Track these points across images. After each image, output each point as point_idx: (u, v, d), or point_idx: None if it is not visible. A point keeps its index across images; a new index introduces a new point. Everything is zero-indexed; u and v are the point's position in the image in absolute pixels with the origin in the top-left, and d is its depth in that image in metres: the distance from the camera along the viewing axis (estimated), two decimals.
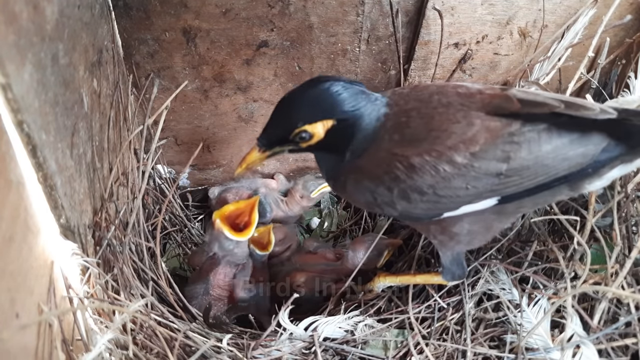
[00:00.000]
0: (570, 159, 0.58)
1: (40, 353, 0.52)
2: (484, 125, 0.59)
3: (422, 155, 0.59)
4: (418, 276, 0.80)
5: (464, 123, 0.59)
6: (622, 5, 0.91)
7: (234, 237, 0.81)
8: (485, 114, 0.60)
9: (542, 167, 0.58)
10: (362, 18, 0.88)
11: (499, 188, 0.59)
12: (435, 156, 0.59)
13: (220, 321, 0.84)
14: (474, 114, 0.60)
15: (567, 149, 0.58)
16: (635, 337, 0.65)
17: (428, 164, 0.59)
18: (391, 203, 0.63)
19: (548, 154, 0.58)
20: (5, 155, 0.46)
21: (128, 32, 0.83)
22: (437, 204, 0.61)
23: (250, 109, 0.98)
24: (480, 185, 0.59)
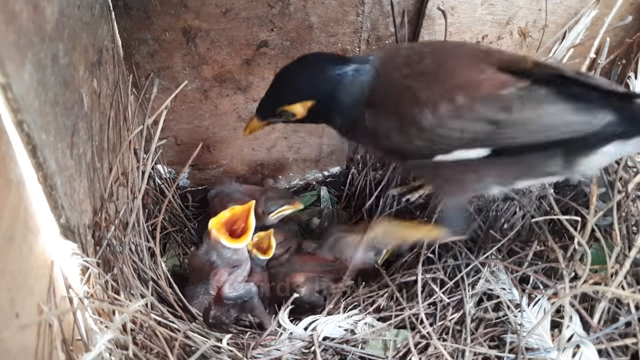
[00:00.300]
0: (571, 125, 0.58)
1: (40, 353, 0.52)
2: (493, 76, 0.60)
3: (426, 89, 0.61)
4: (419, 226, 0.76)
5: (473, 70, 0.61)
6: (623, 5, 0.91)
7: (232, 245, 0.80)
8: (498, 69, 0.61)
9: (542, 125, 0.58)
10: (362, 18, 0.88)
11: (495, 137, 0.59)
12: (438, 92, 0.60)
13: (220, 321, 0.84)
14: (486, 66, 0.61)
15: (570, 114, 0.58)
16: (635, 337, 0.65)
17: (429, 99, 0.60)
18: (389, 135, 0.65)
19: (550, 115, 0.58)
20: (5, 155, 0.46)
21: (128, 32, 0.83)
22: (432, 143, 0.62)
23: (250, 109, 0.98)
24: (476, 131, 0.59)
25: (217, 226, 0.80)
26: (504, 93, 0.58)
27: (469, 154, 0.61)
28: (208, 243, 0.82)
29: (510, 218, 0.87)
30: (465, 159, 0.61)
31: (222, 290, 0.82)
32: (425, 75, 0.63)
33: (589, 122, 0.57)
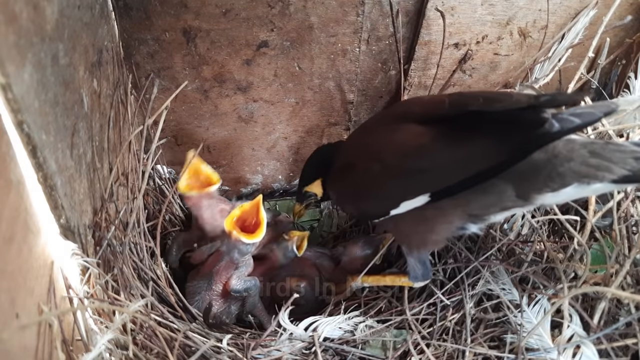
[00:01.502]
0: (473, 160, 0.60)
1: (40, 353, 0.52)
2: (411, 131, 0.67)
3: (360, 158, 0.74)
4: (387, 277, 0.84)
5: (395, 132, 0.70)
6: (622, 5, 0.92)
7: (252, 241, 0.81)
8: (416, 123, 0.67)
9: (454, 165, 0.62)
10: (362, 18, 0.88)
11: (425, 185, 0.64)
12: (369, 158, 0.72)
13: (220, 321, 0.84)
14: (405, 126, 0.69)
15: (467, 151, 0.61)
16: (635, 337, 0.65)
17: (364, 165, 0.72)
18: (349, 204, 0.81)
19: (457, 154, 0.62)
20: (5, 155, 0.46)
21: (128, 32, 0.83)
22: (381, 200, 0.70)
23: (250, 109, 0.98)
24: (409, 182, 0.66)
25: (233, 226, 0.81)
26: (422, 143, 0.64)
27: (414, 202, 0.66)
28: (227, 244, 0.83)
29: (510, 218, 0.87)
30: (414, 207, 0.67)
31: (229, 282, 0.84)
32: (362, 149, 0.76)
33: (487, 156, 0.59)
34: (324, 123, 1.04)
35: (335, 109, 1.02)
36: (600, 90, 1.02)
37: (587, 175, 0.58)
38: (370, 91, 1.00)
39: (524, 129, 0.57)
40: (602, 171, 0.58)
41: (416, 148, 0.65)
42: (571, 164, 0.59)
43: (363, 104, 1.02)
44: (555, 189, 0.60)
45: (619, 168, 0.57)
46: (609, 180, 0.57)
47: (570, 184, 0.60)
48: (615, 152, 0.58)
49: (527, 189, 0.62)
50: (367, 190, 0.72)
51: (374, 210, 0.73)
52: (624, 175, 0.57)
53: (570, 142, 0.60)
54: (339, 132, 1.06)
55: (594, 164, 0.58)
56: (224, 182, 1.10)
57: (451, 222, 0.68)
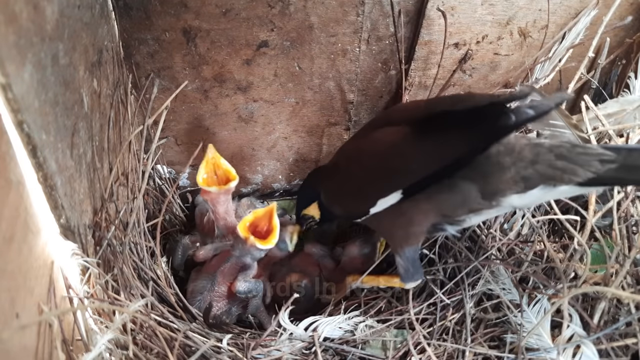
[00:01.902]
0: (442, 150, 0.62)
1: (40, 353, 0.52)
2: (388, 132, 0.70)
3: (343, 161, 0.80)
4: (381, 277, 0.85)
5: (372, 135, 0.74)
6: (622, 5, 0.91)
7: (266, 247, 0.81)
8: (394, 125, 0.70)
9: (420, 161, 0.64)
10: (362, 18, 0.88)
11: (397, 182, 0.67)
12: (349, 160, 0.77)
13: (220, 321, 0.84)
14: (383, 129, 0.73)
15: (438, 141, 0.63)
16: (635, 337, 0.65)
17: (346, 167, 0.78)
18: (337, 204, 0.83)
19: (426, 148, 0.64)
20: (5, 155, 0.46)
21: (128, 32, 0.83)
22: (361, 199, 0.73)
23: (250, 109, 0.98)
24: (383, 180, 0.69)
25: (247, 232, 0.81)
26: (392, 141, 0.68)
27: (389, 199, 0.69)
28: (241, 248, 0.83)
29: (510, 218, 0.87)
30: (390, 205, 0.69)
31: (235, 284, 0.84)
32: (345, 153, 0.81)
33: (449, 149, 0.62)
34: (324, 123, 1.04)
35: (336, 109, 1.02)
36: (600, 90, 1.02)
37: (553, 178, 0.59)
38: (370, 91, 1.00)
39: (481, 123, 0.59)
40: (567, 174, 0.59)
41: (388, 146, 0.69)
42: (536, 166, 0.60)
43: (363, 104, 1.02)
44: (521, 191, 0.62)
45: (584, 171, 0.58)
46: (574, 183, 0.58)
47: (536, 186, 0.61)
48: (581, 155, 0.59)
49: (492, 191, 0.63)
50: (348, 191, 0.77)
51: (356, 210, 0.77)
52: (589, 178, 0.58)
53: (537, 146, 0.62)
54: (339, 132, 1.06)
55: (559, 167, 0.59)
56: None
57: (426, 214, 0.70)
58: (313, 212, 0.89)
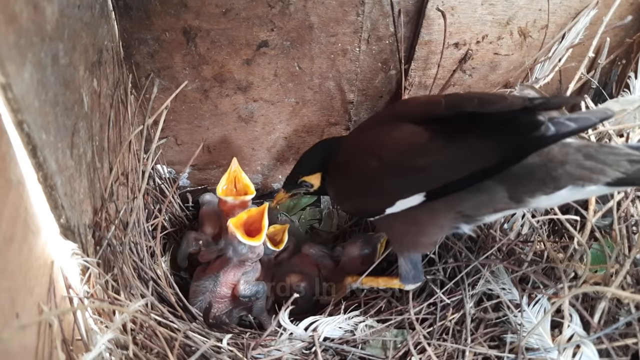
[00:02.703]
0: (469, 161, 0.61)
1: (40, 353, 0.52)
2: (410, 130, 0.67)
3: (358, 155, 0.74)
4: (380, 278, 0.85)
5: (392, 131, 0.70)
6: (622, 5, 0.91)
7: (247, 242, 0.82)
8: (413, 123, 0.68)
9: (450, 165, 0.62)
10: (362, 18, 0.88)
11: (423, 183, 0.65)
12: (367, 155, 0.71)
13: (220, 321, 0.84)
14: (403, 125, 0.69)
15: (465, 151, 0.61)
16: (635, 337, 0.65)
17: (362, 162, 0.72)
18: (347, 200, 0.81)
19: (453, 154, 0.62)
20: (5, 155, 0.46)
21: (128, 32, 0.83)
22: (377, 198, 0.71)
23: (250, 109, 0.98)
24: (407, 180, 0.66)
25: (236, 225, 0.83)
26: (419, 142, 0.65)
27: (409, 201, 0.67)
28: (225, 239, 0.85)
29: (510, 218, 0.87)
30: (409, 207, 0.67)
31: (237, 288, 0.85)
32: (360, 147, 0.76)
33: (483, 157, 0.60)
34: (324, 123, 1.04)
35: (336, 109, 1.02)
36: (600, 90, 1.02)
37: (582, 178, 0.59)
38: (370, 91, 1.00)
39: (519, 132, 0.57)
40: (596, 174, 0.58)
41: (413, 146, 0.65)
42: (565, 167, 0.59)
43: (363, 104, 1.02)
44: (549, 192, 0.61)
45: (613, 171, 0.57)
46: (603, 183, 0.58)
47: (565, 187, 0.60)
48: (609, 154, 0.58)
49: (520, 192, 0.62)
50: (363, 187, 0.73)
51: (370, 208, 0.74)
52: (618, 178, 0.57)
53: (565, 146, 0.61)
54: (339, 132, 1.06)
55: (588, 167, 0.58)
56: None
57: (442, 227, 0.69)
58: (314, 181, 0.87)
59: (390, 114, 0.77)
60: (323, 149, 0.87)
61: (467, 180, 0.62)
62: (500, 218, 0.83)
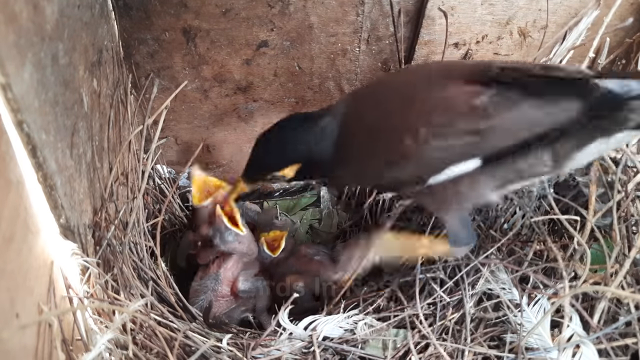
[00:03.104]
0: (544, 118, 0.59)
1: (40, 353, 0.52)
2: (461, 90, 0.61)
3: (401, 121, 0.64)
4: (423, 239, 0.77)
5: (442, 90, 0.63)
6: (623, 5, 0.91)
7: (232, 227, 0.84)
8: (464, 82, 0.62)
9: (519, 124, 0.60)
10: (362, 18, 0.88)
11: (481, 146, 0.61)
12: (414, 120, 0.62)
13: (220, 321, 0.84)
14: (451, 83, 0.63)
15: (544, 106, 0.59)
16: (635, 337, 0.65)
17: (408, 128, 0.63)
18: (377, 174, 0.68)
19: (524, 113, 0.59)
20: (5, 155, 0.46)
21: (128, 32, 0.83)
22: (421, 167, 0.64)
23: (250, 109, 0.98)
24: (462, 144, 0.61)
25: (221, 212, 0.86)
26: (478, 103, 0.60)
27: (462, 167, 0.62)
28: (214, 227, 0.86)
29: (510, 218, 0.87)
30: (458, 174, 0.63)
31: (236, 284, 0.86)
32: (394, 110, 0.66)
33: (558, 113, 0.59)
34: None
35: None
36: None
37: (608, 128, 0.60)
38: None
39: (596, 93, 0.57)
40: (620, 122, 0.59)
41: (472, 108, 0.60)
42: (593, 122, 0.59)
43: None
44: (581, 149, 0.61)
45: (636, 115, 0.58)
46: (630, 128, 0.59)
47: (595, 140, 0.61)
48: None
49: (562, 154, 0.62)
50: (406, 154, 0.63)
51: (410, 178, 0.66)
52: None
53: None
54: None
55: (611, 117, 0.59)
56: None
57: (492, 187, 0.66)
58: (287, 172, 0.73)
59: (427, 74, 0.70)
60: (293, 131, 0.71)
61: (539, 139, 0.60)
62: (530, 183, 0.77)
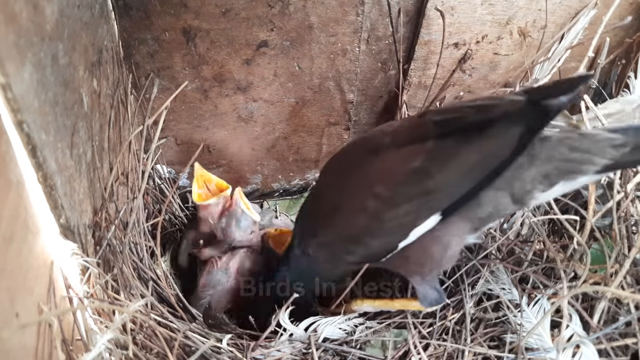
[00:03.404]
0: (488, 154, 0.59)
1: (40, 353, 0.52)
2: (397, 156, 0.63)
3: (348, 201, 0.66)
4: (396, 301, 0.80)
5: (376, 163, 0.64)
6: (622, 5, 0.91)
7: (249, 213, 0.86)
8: (398, 148, 0.63)
9: (465, 169, 0.59)
10: (362, 18, 0.88)
11: (434, 204, 0.61)
12: (360, 197, 0.64)
13: (219, 321, 0.84)
14: (386, 152, 0.64)
15: (482, 146, 0.59)
16: (635, 337, 0.65)
17: (357, 207, 0.64)
18: (349, 251, 0.69)
19: (466, 157, 0.59)
20: (5, 155, 0.46)
21: (128, 32, 0.83)
22: (386, 237, 0.64)
23: (250, 109, 0.98)
24: (416, 207, 0.61)
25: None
26: (417, 165, 0.61)
27: (425, 226, 0.62)
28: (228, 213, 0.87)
29: (510, 218, 0.87)
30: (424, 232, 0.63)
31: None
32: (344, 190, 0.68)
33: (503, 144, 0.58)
34: (323, 123, 1.04)
35: (335, 109, 1.02)
36: (600, 90, 1.02)
37: (572, 171, 0.59)
38: (370, 91, 1.00)
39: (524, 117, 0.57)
40: (585, 164, 0.59)
41: (411, 172, 0.61)
42: (554, 163, 0.60)
43: (363, 104, 1.02)
44: (546, 188, 0.61)
45: (600, 159, 0.58)
46: (592, 172, 0.59)
47: (558, 183, 0.60)
48: (592, 143, 0.59)
49: (521, 194, 0.62)
50: (365, 231, 0.65)
51: (380, 250, 0.66)
52: (606, 165, 0.58)
53: (546, 141, 0.61)
54: (338, 132, 1.06)
55: (575, 159, 0.59)
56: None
57: (462, 234, 0.67)
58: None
59: (360, 149, 0.71)
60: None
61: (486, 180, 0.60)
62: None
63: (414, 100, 1.01)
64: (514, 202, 0.63)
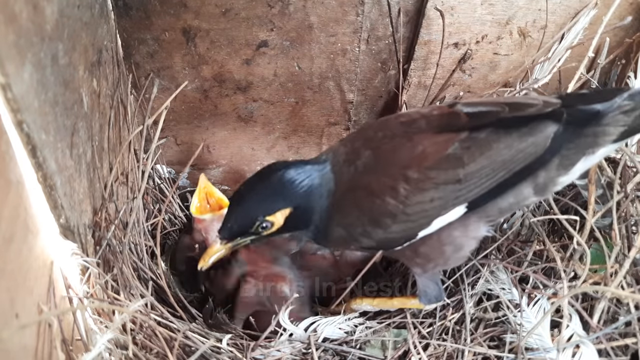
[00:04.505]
0: (523, 151, 0.60)
1: (40, 353, 0.52)
2: (431, 141, 0.62)
3: (379, 180, 0.63)
4: (395, 299, 0.80)
5: (410, 145, 0.63)
6: (622, 5, 0.91)
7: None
8: (433, 134, 0.63)
9: (498, 163, 0.60)
10: (361, 18, 0.88)
11: (463, 193, 0.61)
12: (391, 178, 0.62)
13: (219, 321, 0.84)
14: (420, 136, 0.64)
15: (517, 142, 0.60)
16: (635, 337, 0.65)
17: (386, 187, 0.62)
18: (366, 233, 0.66)
19: (500, 151, 0.60)
20: (5, 155, 0.46)
21: (128, 32, 0.83)
22: (409, 223, 0.63)
23: (250, 108, 0.98)
24: (444, 195, 0.61)
25: None
26: (450, 151, 0.61)
27: (449, 217, 0.62)
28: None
29: (510, 218, 0.87)
30: (447, 223, 0.63)
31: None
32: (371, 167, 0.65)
33: (537, 142, 0.59)
34: (323, 123, 1.04)
35: (335, 109, 1.02)
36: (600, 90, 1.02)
37: (590, 145, 0.60)
38: (370, 91, 1.00)
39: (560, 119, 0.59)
40: (600, 136, 0.59)
41: (444, 159, 0.61)
42: (573, 142, 0.60)
43: (363, 104, 1.02)
44: (567, 171, 0.62)
45: (613, 128, 0.59)
46: (610, 142, 0.59)
47: (579, 160, 0.61)
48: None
49: (543, 183, 0.63)
50: (389, 213, 0.63)
51: (398, 237, 0.65)
52: (621, 132, 0.59)
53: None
54: (338, 132, 1.06)
55: (590, 134, 0.60)
56: (224, 182, 1.10)
57: (476, 235, 0.67)
58: (276, 219, 0.66)
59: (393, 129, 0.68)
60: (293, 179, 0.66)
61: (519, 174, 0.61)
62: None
63: (413, 100, 1.01)
64: (535, 193, 0.63)
